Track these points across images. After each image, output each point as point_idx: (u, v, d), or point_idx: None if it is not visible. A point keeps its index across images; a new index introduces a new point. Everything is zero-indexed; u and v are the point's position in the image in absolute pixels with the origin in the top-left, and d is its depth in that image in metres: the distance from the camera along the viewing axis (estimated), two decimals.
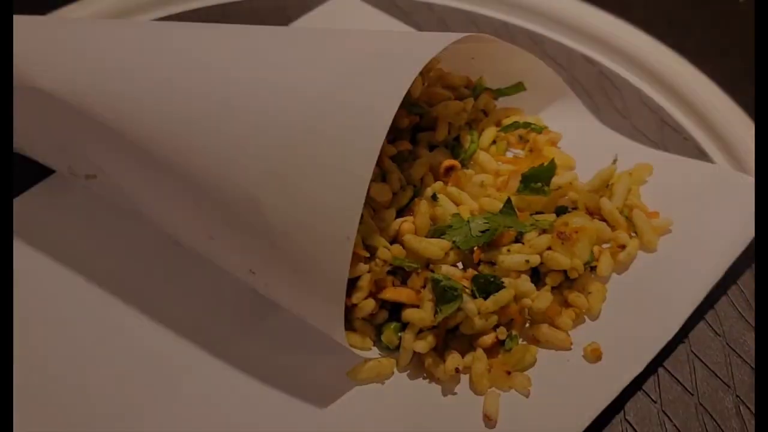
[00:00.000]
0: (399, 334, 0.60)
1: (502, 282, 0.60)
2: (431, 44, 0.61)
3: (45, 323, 0.62)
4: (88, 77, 0.62)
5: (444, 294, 0.59)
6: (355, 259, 0.59)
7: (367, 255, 0.59)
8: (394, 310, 0.61)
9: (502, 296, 0.59)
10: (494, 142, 0.73)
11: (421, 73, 0.68)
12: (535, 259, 0.61)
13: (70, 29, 0.69)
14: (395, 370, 0.60)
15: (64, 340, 0.61)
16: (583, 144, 0.73)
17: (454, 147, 0.71)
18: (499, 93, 0.75)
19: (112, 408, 0.58)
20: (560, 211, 0.66)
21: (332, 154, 0.55)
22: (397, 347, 0.60)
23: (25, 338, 0.61)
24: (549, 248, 0.62)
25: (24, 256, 0.66)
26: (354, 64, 0.59)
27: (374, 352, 0.61)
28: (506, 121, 0.74)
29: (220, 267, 0.63)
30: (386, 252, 0.60)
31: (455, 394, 0.58)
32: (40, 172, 0.71)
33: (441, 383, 0.59)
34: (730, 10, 0.90)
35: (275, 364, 0.60)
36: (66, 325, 0.62)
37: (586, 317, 0.62)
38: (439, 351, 0.60)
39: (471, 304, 0.59)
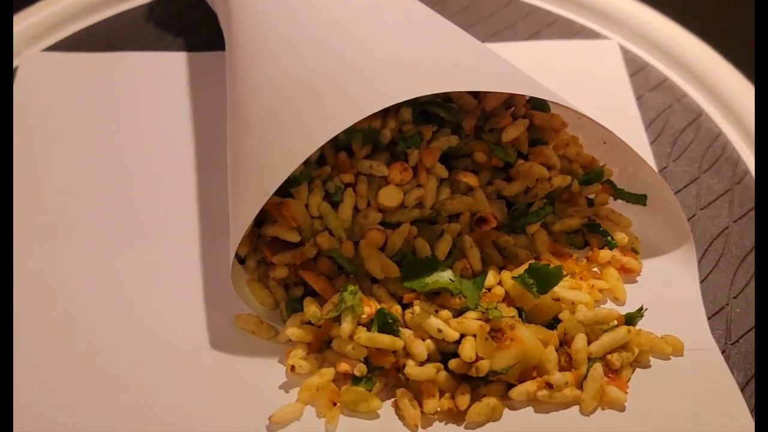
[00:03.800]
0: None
1: (399, 330, 0.57)
2: (478, 80, 0.59)
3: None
4: None
5: (339, 302, 0.57)
6: (287, 225, 0.60)
7: (295, 225, 0.60)
8: (313, 295, 0.61)
9: (381, 338, 0.56)
10: (576, 232, 0.67)
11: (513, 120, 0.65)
12: (450, 335, 0.56)
13: None
14: (274, 342, 0.60)
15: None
16: (656, 292, 0.63)
17: (517, 209, 0.66)
18: (618, 193, 0.68)
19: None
20: (551, 325, 0.60)
21: (301, 122, 0.57)
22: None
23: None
24: (474, 336, 0.57)
25: (157, 94, 0.79)
26: (401, 59, 0.59)
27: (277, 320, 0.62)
28: (598, 220, 0.67)
29: None
30: (326, 239, 0.60)
31: (287, 392, 0.57)
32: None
33: (287, 377, 0.58)
34: None
35: (182, 273, 0.64)
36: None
37: (465, 421, 0.56)
38: (311, 350, 0.59)
39: (347, 324, 0.57)
